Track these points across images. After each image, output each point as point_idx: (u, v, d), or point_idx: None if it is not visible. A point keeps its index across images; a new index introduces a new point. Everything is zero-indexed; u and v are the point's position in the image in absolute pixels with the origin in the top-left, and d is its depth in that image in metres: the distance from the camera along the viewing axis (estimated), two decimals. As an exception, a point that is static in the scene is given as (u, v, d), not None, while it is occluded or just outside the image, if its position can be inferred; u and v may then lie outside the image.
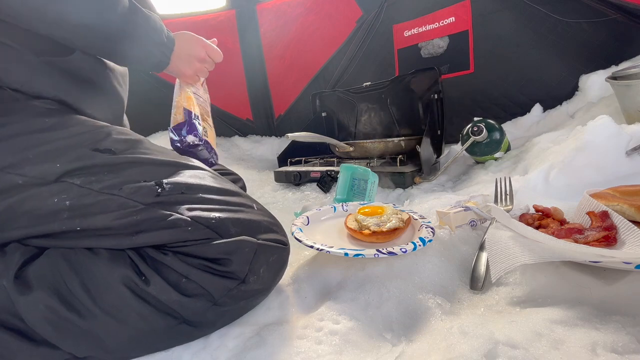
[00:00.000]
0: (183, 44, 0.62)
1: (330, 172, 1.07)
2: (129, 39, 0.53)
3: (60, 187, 0.43)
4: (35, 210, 0.42)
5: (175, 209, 0.43)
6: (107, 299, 0.39)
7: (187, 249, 0.42)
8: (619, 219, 0.48)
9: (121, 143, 0.49)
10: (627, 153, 0.69)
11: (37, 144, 0.44)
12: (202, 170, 0.51)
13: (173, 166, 0.49)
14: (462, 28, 1.32)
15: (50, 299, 0.39)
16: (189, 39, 0.64)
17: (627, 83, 0.83)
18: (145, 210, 0.43)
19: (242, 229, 0.45)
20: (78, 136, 0.47)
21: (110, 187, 0.43)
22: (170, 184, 0.45)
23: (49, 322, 0.38)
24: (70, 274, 0.40)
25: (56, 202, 0.42)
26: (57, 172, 0.43)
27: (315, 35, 1.69)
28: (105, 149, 0.47)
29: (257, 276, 0.44)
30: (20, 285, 0.40)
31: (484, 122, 1.02)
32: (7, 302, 0.39)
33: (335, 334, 0.41)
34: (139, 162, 0.47)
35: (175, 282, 0.41)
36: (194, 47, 0.64)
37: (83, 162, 0.44)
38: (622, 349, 0.32)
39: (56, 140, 0.45)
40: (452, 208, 0.62)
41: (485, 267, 0.49)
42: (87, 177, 0.44)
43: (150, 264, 0.42)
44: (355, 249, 0.51)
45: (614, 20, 1.07)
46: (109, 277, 0.40)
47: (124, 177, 0.44)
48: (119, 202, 0.43)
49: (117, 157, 0.46)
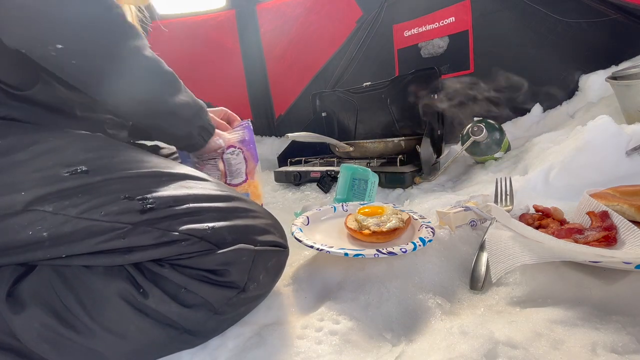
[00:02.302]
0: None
1: (330, 172, 1.07)
2: (179, 120, 0.54)
3: (31, 216, 0.38)
4: (12, 243, 0.39)
5: (165, 225, 0.40)
6: (105, 313, 0.38)
7: (184, 262, 0.41)
8: (619, 219, 0.48)
9: (94, 157, 0.43)
10: (627, 153, 0.69)
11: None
12: (190, 180, 0.47)
13: (156, 177, 0.44)
14: (462, 28, 1.32)
15: (45, 316, 0.37)
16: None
17: (627, 83, 0.83)
18: (134, 231, 0.40)
19: (238, 235, 0.43)
20: (42, 157, 0.41)
21: (89, 211, 0.39)
22: (155, 199, 0.41)
23: (45, 340, 0.37)
24: (64, 289, 0.39)
25: (31, 234, 0.38)
26: (24, 201, 0.38)
27: (315, 35, 1.69)
28: (75, 170, 0.41)
29: (256, 283, 0.44)
30: (13, 303, 0.38)
31: (484, 122, 1.02)
32: (0, 321, 0.38)
33: (335, 334, 0.41)
34: (117, 178, 0.42)
35: (174, 293, 0.40)
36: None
37: (52, 187, 0.39)
38: (622, 349, 0.32)
39: (15, 165, 0.40)
40: (452, 208, 0.62)
41: (485, 267, 0.49)
42: (59, 202, 0.39)
43: (148, 277, 0.40)
44: (355, 249, 0.51)
45: (614, 20, 1.07)
46: (106, 291, 0.39)
47: (102, 198, 0.40)
48: (103, 227, 0.39)
49: (90, 177, 0.41)
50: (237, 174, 0.71)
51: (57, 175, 0.40)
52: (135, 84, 0.48)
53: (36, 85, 0.46)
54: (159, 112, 0.52)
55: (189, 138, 0.57)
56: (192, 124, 0.56)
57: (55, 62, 0.43)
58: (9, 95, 0.44)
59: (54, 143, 0.43)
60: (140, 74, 0.49)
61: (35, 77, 0.46)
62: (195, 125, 0.57)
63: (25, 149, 0.41)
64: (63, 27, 0.41)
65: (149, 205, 0.41)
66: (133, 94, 0.49)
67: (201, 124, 0.58)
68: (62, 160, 0.41)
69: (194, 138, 0.58)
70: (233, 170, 0.70)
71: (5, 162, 0.40)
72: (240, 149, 0.70)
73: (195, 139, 0.58)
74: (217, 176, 0.69)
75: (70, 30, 0.41)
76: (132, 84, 0.48)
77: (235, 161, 0.70)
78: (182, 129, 0.55)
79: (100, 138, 0.47)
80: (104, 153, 0.44)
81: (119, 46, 0.45)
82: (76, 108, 0.52)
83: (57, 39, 0.41)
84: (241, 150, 0.70)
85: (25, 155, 0.40)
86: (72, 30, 0.42)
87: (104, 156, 0.44)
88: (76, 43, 0.42)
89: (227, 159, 0.69)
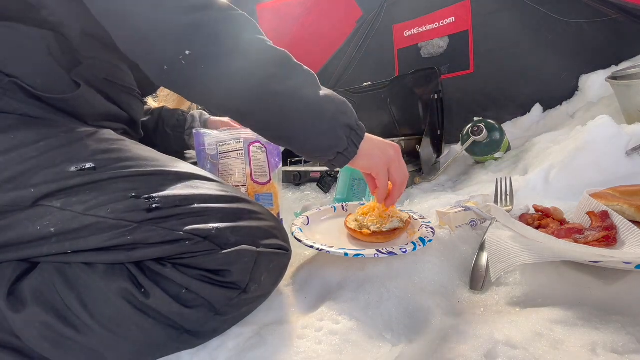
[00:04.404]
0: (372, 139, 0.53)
1: (330, 172, 1.07)
2: (319, 121, 0.45)
3: (39, 211, 0.39)
4: (20, 238, 0.40)
5: (170, 224, 0.41)
6: (106, 313, 0.38)
7: (186, 261, 0.41)
8: (619, 219, 0.48)
9: (102, 154, 0.43)
10: (627, 153, 0.69)
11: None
12: (196, 180, 0.46)
13: (163, 175, 0.44)
14: (462, 28, 1.32)
15: (45, 315, 0.37)
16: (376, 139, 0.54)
17: (627, 83, 0.83)
18: (139, 229, 0.40)
19: (241, 237, 0.43)
20: (50, 152, 0.41)
21: (96, 208, 0.39)
22: (162, 198, 0.41)
23: (45, 339, 0.37)
24: (65, 288, 0.39)
25: (39, 229, 0.39)
26: (32, 197, 0.39)
27: (315, 35, 1.69)
28: (83, 166, 0.41)
29: (258, 284, 0.44)
30: (13, 302, 0.38)
31: (484, 122, 1.02)
32: (1, 319, 0.38)
33: (335, 334, 0.41)
34: (125, 175, 0.42)
35: (176, 293, 0.40)
36: (383, 143, 0.54)
37: (60, 184, 0.40)
38: (622, 349, 0.32)
39: (24, 161, 0.40)
40: (452, 208, 0.62)
41: (486, 267, 0.49)
42: (67, 199, 0.39)
43: (150, 276, 0.40)
44: (355, 249, 0.51)
45: (614, 20, 1.07)
46: (107, 291, 0.39)
47: (109, 195, 0.40)
48: (109, 224, 0.39)
49: (98, 174, 0.41)
50: (262, 173, 0.67)
51: (65, 171, 0.40)
52: (272, 78, 0.43)
53: (70, 93, 0.46)
54: (296, 112, 0.44)
55: (336, 143, 0.46)
56: (337, 123, 0.46)
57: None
58: (29, 94, 0.44)
59: (63, 139, 0.43)
60: (274, 66, 0.44)
61: (70, 85, 0.47)
62: (341, 124, 0.46)
63: (35, 144, 0.41)
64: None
65: (155, 204, 0.41)
66: (270, 90, 0.43)
67: (348, 122, 0.47)
68: (70, 157, 0.42)
69: (341, 142, 0.46)
70: (260, 167, 0.67)
71: (15, 157, 0.40)
72: (264, 147, 0.68)
73: (344, 144, 0.47)
74: (241, 170, 0.65)
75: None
76: (268, 78, 0.43)
77: (261, 157, 0.67)
78: (327, 132, 0.45)
79: (109, 135, 0.47)
80: (112, 150, 0.44)
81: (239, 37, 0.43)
82: (99, 121, 0.51)
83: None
84: (265, 149, 0.68)
85: (34, 152, 0.41)
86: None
87: (111, 153, 0.44)
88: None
89: (253, 153, 0.66)
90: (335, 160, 0.48)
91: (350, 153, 0.48)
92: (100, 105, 0.51)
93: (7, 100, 0.43)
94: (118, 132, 0.53)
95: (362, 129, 0.49)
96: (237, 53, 0.43)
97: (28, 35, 0.44)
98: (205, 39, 0.41)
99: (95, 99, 0.50)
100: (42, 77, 0.45)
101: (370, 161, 0.51)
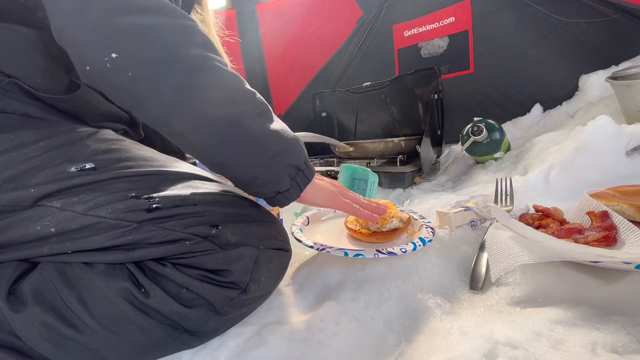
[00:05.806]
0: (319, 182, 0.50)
1: (330, 172, 1.07)
2: (259, 155, 0.42)
3: (39, 212, 0.39)
4: (20, 238, 0.39)
5: (170, 224, 0.41)
6: (106, 312, 0.38)
7: (186, 261, 0.41)
8: (619, 219, 0.48)
9: (102, 155, 0.42)
10: (627, 153, 0.69)
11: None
12: (196, 180, 0.46)
13: (163, 175, 0.44)
14: (462, 28, 1.32)
15: (46, 315, 0.38)
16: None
17: (627, 83, 0.83)
18: (139, 229, 0.40)
19: (242, 237, 0.43)
20: (50, 152, 0.41)
21: (96, 208, 0.39)
22: (162, 198, 0.41)
23: (46, 338, 0.37)
24: (65, 288, 0.39)
25: (39, 229, 0.39)
26: (33, 197, 0.39)
27: (315, 35, 1.69)
28: (84, 166, 0.41)
29: (258, 284, 0.44)
30: (14, 301, 0.38)
31: (484, 122, 1.02)
32: (1, 319, 0.38)
33: (336, 334, 0.41)
34: (125, 175, 0.42)
35: (176, 293, 0.40)
36: (324, 182, 0.51)
37: (61, 184, 0.39)
38: (622, 349, 0.32)
39: (24, 160, 0.40)
40: (452, 208, 0.62)
41: (486, 267, 0.49)
42: (67, 199, 0.39)
43: (150, 276, 0.40)
44: (355, 249, 0.51)
45: (614, 20, 1.07)
46: (107, 291, 0.39)
47: (109, 195, 0.40)
48: (109, 224, 0.39)
49: (98, 174, 0.41)
50: None
51: (65, 171, 0.40)
52: (209, 100, 0.40)
53: (70, 93, 0.46)
54: (236, 140, 0.41)
55: (277, 183, 0.44)
56: (282, 161, 0.43)
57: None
58: (29, 94, 0.44)
59: (63, 139, 0.43)
60: (216, 87, 0.40)
61: (70, 86, 0.46)
62: (286, 163, 0.43)
63: (35, 144, 0.41)
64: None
65: (155, 204, 0.41)
66: (206, 112, 0.39)
67: (295, 163, 0.44)
68: (70, 157, 0.41)
69: (283, 183, 0.44)
70: None
71: (16, 157, 0.40)
72: None
73: (286, 184, 0.44)
74: None
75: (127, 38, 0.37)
76: (205, 99, 0.39)
77: None
78: (268, 169, 0.43)
79: (109, 135, 0.47)
80: (112, 150, 0.44)
81: (184, 53, 0.39)
82: (100, 121, 0.51)
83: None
84: None
85: (34, 151, 0.40)
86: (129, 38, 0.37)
87: (112, 154, 0.43)
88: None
89: None
90: (274, 199, 0.45)
91: (292, 195, 0.45)
92: (100, 105, 0.51)
93: (7, 100, 0.43)
94: (118, 132, 0.53)
95: (311, 170, 0.46)
96: (173, 64, 0.38)
97: (27, 36, 0.44)
98: (139, 43, 0.38)
99: (95, 99, 0.50)
100: (42, 77, 0.45)
101: (320, 200, 0.49)
